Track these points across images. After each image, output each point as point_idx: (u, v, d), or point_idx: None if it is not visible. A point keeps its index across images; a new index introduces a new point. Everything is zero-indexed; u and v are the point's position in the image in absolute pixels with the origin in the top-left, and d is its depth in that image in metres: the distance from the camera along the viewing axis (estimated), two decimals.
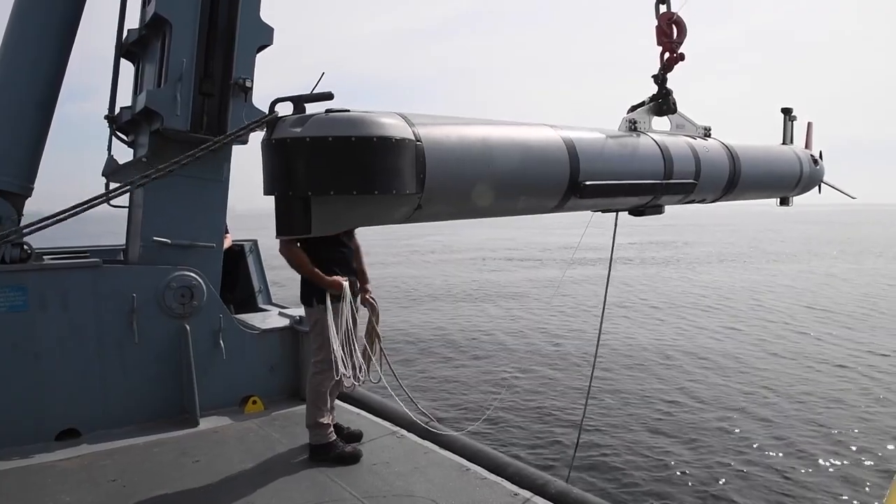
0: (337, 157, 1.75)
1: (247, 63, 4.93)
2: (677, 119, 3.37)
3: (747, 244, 40.29)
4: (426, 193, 1.98)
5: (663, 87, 3.26)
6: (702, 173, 3.19)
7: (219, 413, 4.88)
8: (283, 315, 5.66)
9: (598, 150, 2.69)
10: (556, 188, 2.46)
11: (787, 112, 4.39)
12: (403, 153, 1.86)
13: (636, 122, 3.09)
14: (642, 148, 2.93)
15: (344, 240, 4.04)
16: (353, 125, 1.78)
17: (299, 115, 1.85)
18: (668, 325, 15.29)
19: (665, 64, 3.23)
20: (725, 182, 3.43)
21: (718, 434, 8.04)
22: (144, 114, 4.84)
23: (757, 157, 3.71)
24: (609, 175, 2.65)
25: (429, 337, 14.22)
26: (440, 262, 31.72)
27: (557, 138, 2.52)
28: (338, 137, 1.75)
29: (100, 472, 3.91)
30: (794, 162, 4.05)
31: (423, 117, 2.09)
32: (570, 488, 3.64)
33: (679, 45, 3.21)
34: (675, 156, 3.05)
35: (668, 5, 3.19)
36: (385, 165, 1.81)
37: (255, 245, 6.51)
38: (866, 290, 20.66)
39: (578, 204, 2.64)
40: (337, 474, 3.84)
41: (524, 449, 7.57)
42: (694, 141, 3.28)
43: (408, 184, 1.89)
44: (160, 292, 4.69)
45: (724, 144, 3.48)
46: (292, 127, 1.79)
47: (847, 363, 11.54)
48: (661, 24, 3.18)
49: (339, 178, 1.76)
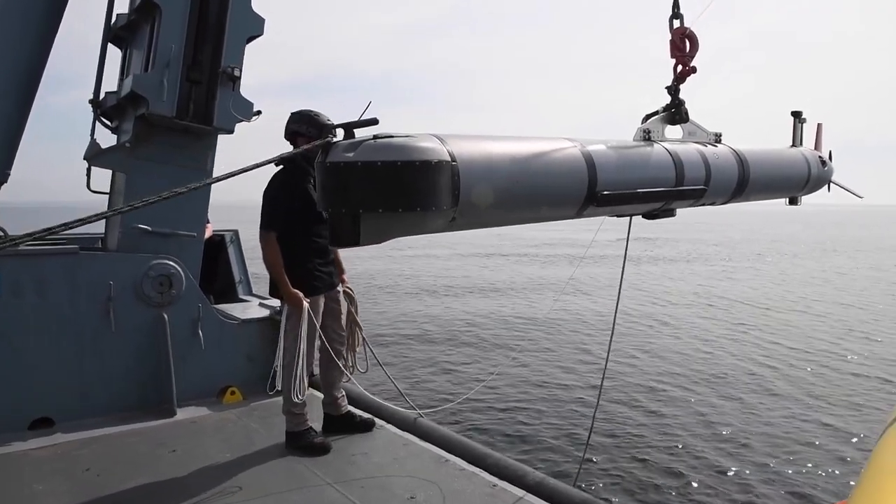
0: (385, 180, 2.01)
1: (236, 52, 4.88)
2: (689, 127, 3.57)
3: (713, 243, 39.83)
4: (460, 207, 2.23)
5: (676, 98, 3.45)
6: (712, 179, 3.39)
7: (197, 403, 4.82)
8: (263, 305, 5.64)
9: (614, 161, 2.91)
10: (576, 199, 2.69)
11: (797, 115, 4.55)
12: (442, 174, 2.11)
13: (650, 132, 3.30)
14: (655, 157, 3.15)
15: (321, 230, 4.13)
16: (399, 151, 2.03)
17: (350, 140, 2.09)
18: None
19: (678, 76, 3.42)
20: (734, 186, 3.63)
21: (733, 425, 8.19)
22: (130, 98, 4.77)
23: (765, 161, 3.90)
24: (624, 184, 2.88)
25: (416, 329, 14.34)
26: (429, 257, 31.90)
27: (577, 152, 2.75)
28: (385, 162, 2.00)
29: (74, 461, 3.85)
30: (801, 164, 4.23)
31: (454, 137, 2.33)
32: (547, 478, 3.69)
33: (692, 58, 3.40)
34: (687, 163, 3.26)
35: (681, 21, 3.38)
36: (426, 186, 2.06)
37: (236, 235, 6.45)
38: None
39: (596, 211, 2.88)
40: (315, 464, 3.83)
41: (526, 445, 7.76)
42: (705, 148, 3.49)
43: (444, 201, 2.14)
44: (138, 280, 4.61)
45: (733, 150, 3.68)
46: (345, 152, 2.04)
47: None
48: (675, 39, 3.37)
49: (387, 197, 2.02)
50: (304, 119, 4.10)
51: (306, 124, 4.08)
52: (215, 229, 6.18)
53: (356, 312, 4.58)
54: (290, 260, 4.02)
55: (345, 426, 4.40)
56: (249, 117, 5.10)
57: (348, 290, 4.54)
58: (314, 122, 4.08)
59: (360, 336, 4.58)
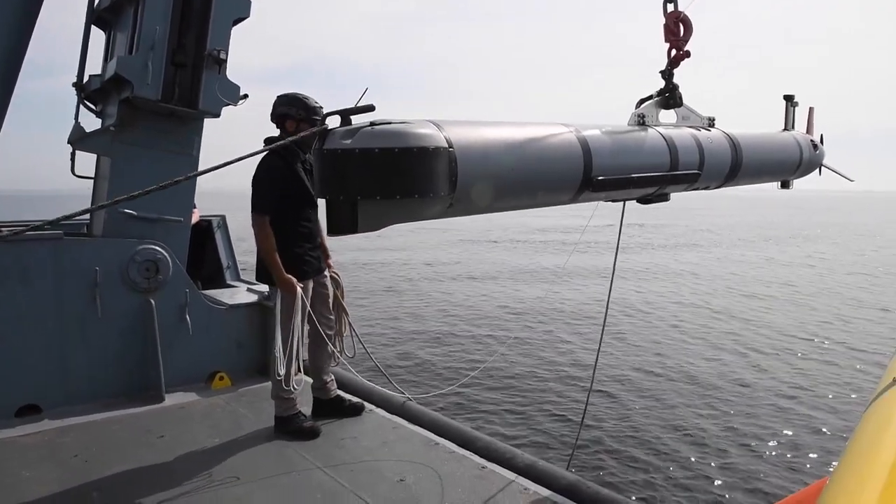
0: (383, 167, 2.00)
1: (222, 35, 4.80)
2: (683, 111, 3.58)
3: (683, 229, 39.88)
4: (457, 193, 2.23)
5: (670, 82, 3.46)
6: (705, 163, 3.40)
7: (185, 389, 4.79)
8: (251, 291, 5.59)
9: (609, 146, 2.91)
10: (572, 184, 2.70)
11: (789, 98, 4.57)
12: (439, 160, 2.11)
13: (644, 117, 3.30)
14: (649, 142, 3.16)
15: (310, 214, 4.15)
16: (396, 137, 2.02)
17: (347, 127, 2.09)
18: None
19: (672, 60, 3.42)
20: (728, 170, 3.65)
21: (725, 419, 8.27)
22: (114, 81, 4.69)
23: (758, 145, 3.92)
24: (619, 169, 2.89)
25: (407, 316, 14.38)
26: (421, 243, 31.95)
27: (572, 137, 2.75)
28: (383, 149, 1.99)
29: (61, 448, 3.83)
30: (793, 148, 4.26)
31: (451, 123, 2.33)
32: (537, 461, 3.71)
33: (685, 42, 3.39)
34: (681, 148, 3.27)
35: (675, 4, 3.38)
36: (424, 172, 2.06)
37: (224, 220, 6.39)
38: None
39: (591, 196, 2.89)
40: (304, 449, 3.83)
41: (520, 430, 7.82)
42: (698, 132, 3.50)
43: (442, 187, 2.14)
44: (124, 266, 4.57)
45: (726, 134, 3.69)
46: (342, 139, 2.03)
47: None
48: (669, 23, 3.36)
49: (385, 184, 2.02)
50: (293, 101, 4.07)
51: (295, 106, 4.06)
52: (202, 215, 6.14)
53: (342, 297, 4.57)
54: (281, 244, 3.99)
55: (334, 410, 4.41)
56: (236, 101, 5.04)
57: (334, 274, 4.53)
58: (303, 104, 4.06)
59: (346, 321, 4.59)
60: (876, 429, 1.33)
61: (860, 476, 1.16)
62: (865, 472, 1.16)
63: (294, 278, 3.99)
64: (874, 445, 1.24)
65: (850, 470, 1.23)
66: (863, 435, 1.34)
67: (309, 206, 4.18)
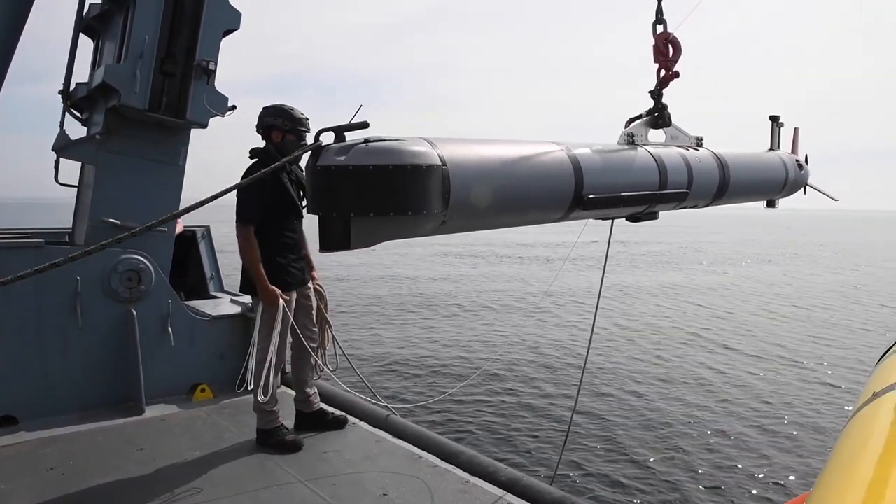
0: (376, 183, 2.00)
1: (212, 45, 4.79)
2: (672, 131, 3.62)
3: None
4: (450, 211, 2.24)
5: (659, 102, 3.49)
6: (694, 182, 3.44)
7: (166, 401, 4.74)
8: (234, 302, 5.56)
9: (600, 164, 2.93)
10: (563, 202, 2.71)
11: (775, 119, 4.64)
12: (432, 177, 2.11)
13: (633, 136, 3.33)
14: (639, 161, 3.18)
15: (295, 225, 4.15)
16: (390, 154, 2.02)
17: (341, 143, 2.08)
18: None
19: (661, 81, 3.46)
20: (716, 189, 3.68)
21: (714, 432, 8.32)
22: (101, 89, 4.67)
23: (745, 164, 3.97)
24: (609, 188, 2.90)
25: (391, 329, 14.37)
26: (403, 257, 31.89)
27: (564, 155, 2.76)
28: (377, 166, 1.99)
29: (38, 459, 3.77)
30: (779, 167, 4.32)
31: (444, 140, 2.33)
32: (521, 475, 3.70)
33: (674, 63, 3.44)
34: (670, 167, 3.30)
35: (664, 26, 3.42)
36: (417, 189, 2.06)
37: (208, 231, 6.34)
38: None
39: (581, 214, 2.90)
40: (286, 462, 3.79)
41: (508, 448, 7.81)
42: (686, 152, 3.53)
43: (435, 204, 2.14)
44: (106, 275, 4.51)
45: (714, 154, 3.73)
46: (336, 155, 2.03)
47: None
48: (658, 44, 3.41)
49: (379, 201, 2.01)
50: (279, 112, 4.07)
51: (281, 117, 4.06)
52: (186, 225, 6.10)
53: (326, 310, 4.55)
54: (265, 255, 3.98)
55: (317, 423, 4.38)
56: (224, 112, 5.03)
57: (318, 286, 4.52)
58: (289, 115, 4.06)
59: (330, 333, 4.57)
60: (856, 443, 1.34)
61: (840, 490, 1.17)
62: (846, 486, 1.17)
63: (277, 290, 3.97)
64: (854, 459, 1.25)
65: (830, 484, 1.25)
66: (843, 449, 1.36)
67: (294, 217, 4.17)
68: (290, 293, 4.12)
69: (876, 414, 1.42)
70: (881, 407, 1.43)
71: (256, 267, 3.92)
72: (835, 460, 1.33)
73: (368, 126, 2.17)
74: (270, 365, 3.90)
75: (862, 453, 1.27)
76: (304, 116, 4.10)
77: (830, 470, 1.31)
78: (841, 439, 1.44)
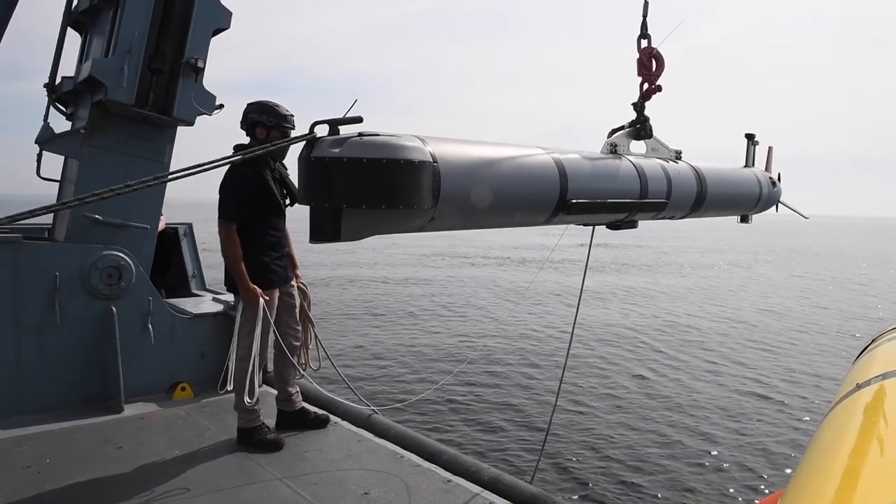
0: (369, 176, 2.04)
1: (201, 43, 4.78)
2: (652, 143, 3.72)
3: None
4: (439, 207, 2.28)
5: (641, 115, 3.59)
6: (672, 193, 3.53)
7: (145, 399, 4.69)
8: (216, 300, 5.53)
9: (584, 170, 3.01)
10: (548, 205, 2.78)
11: (750, 137, 4.79)
12: (424, 173, 2.16)
13: (616, 146, 3.42)
14: (622, 170, 3.27)
15: (278, 223, 4.14)
16: (384, 149, 2.06)
17: (335, 136, 2.12)
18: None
19: (644, 94, 3.56)
20: (693, 202, 3.79)
21: (693, 435, 8.44)
22: (88, 83, 4.64)
23: (721, 179, 4.09)
24: (593, 194, 2.98)
25: (374, 329, 14.31)
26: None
27: (549, 159, 2.84)
28: (371, 159, 2.03)
29: (14, 458, 3.73)
30: (754, 184, 4.45)
31: (434, 139, 2.38)
32: (502, 475, 3.73)
33: (657, 77, 3.54)
34: (650, 177, 3.39)
35: (649, 41, 3.53)
36: (409, 184, 2.10)
37: (190, 228, 6.31)
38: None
39: (565, 219, 2.97)
40: (267, 461, 3.77)
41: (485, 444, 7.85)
42: (667, 164, 3.63)
43: (425, 200, 2.19)
44: (86, 271, 4.46)
45: (692, 167, 3.84)
46: (331, 147, 2.06)
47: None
48: (642, 58, 3.51)
49: (371, 194, 2.05)
50: (263, 109, 4.05)
51: (266, 114, 4.04)
52: (169, 222, 6.04)
53: (309, 308, 4.54)
54: (246, 252, 3.96)
55: (298, 422, 4.35)
56: (211, 110, 5.01)
57: (301, 285, 4.50)
58: (273, 111, 4.04)
59: (312, 332, 4.55)
60: (834, 434, 1.40)
61: (818, 479, 1.23)
62: (823, 476, 1.23)
63: (258, 289, 3.95)
64: (832, 449, 1.31)
65: (808, 474, 1.30)
66: (821, 440, 1.41)
67: (276, 215, 4.16)
68: (273, 291, 4.11)
69: (855, 405, 1.48)
70: (860, 399, 1.50)
71: (238, 265, 3.91)
72: (813, 450, 1.39)
73: (362, 121, 2.21)
74: (254, 364, 3.88)
75: (840, 444, 1.33)
76: (288, 113, 4.09)
77: (809, 459, 1.36)
78: (819, 431, 1.50)
